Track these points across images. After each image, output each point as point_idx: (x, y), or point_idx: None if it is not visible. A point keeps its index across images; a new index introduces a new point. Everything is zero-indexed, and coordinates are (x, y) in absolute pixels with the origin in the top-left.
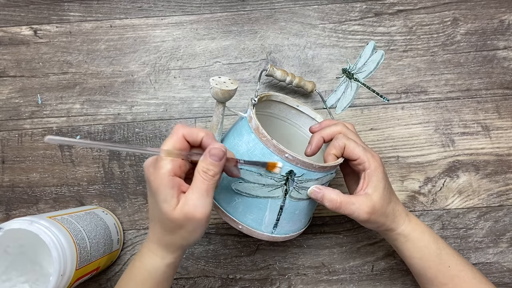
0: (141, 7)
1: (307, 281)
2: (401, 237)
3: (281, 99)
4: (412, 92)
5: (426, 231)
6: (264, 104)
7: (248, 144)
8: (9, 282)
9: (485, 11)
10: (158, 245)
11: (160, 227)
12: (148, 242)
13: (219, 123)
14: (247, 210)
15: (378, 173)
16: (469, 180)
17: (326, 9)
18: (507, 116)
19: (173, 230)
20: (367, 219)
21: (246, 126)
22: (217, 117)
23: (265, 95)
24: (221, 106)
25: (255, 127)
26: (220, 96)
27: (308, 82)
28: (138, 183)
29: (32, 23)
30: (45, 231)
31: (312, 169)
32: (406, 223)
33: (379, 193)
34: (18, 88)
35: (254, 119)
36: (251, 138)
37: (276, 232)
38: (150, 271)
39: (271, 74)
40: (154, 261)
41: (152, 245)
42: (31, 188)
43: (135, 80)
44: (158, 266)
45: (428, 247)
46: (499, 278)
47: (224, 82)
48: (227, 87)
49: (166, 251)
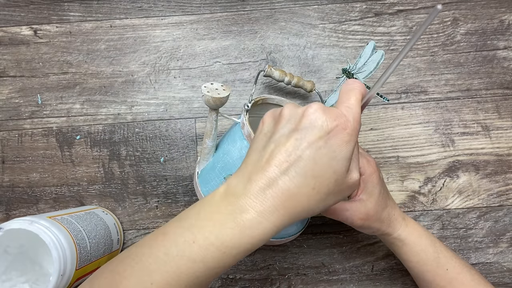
0: (141, 7)
1: (307, 281)
2: (397, 242)
3: (277, 102)
4: (412, 92)
5: (424, 235)
6: (260, 106)
7: (241, 151)
8: (9, 282)
9: (485, 11)
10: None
11: (320, 186)
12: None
13: (213, 129)
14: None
15: (373, 178)
16: (469, 180)
17: (326, 9)
18: (507, 116)
19: (337, 191)
20: (361, 225)
21: (239, 133)
22: (210, 124)
23: (260, 99)
24: (214, 113)
25: (247, 134)
26: (212, 103)
27: (307, 82)
28: (138, 183)
29: (32, 23)
30: (45, 231)
31: None
32: (402, 228)
33: (373, 199)
34: (18, 88)
35: (246, 126)
36: (243, 144)
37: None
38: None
39: (269, 74)
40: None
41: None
42: (31, 188)
43: (135, 80)
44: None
45: (426, 251)
46: (499, 278)
47: (216, 89)
48: (219, 95)
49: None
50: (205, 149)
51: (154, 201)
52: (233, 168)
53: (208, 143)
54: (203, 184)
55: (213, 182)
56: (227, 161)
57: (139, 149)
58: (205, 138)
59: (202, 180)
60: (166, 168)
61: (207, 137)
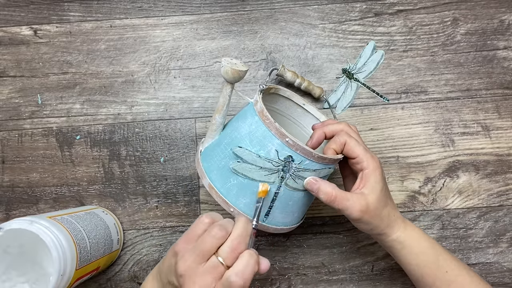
0: (141, 7)
1: (307, 281)
2: (396, 244)
3: (288, 95)
4: (412, 92)
5: (423, 238)
6: (271, 97)
7: (250, 126)
8: (9, 282)
9: (485, 11)
10: None
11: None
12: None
13: (225, 105)
14: (241, 193)
15: (376, 174)
16: (469, 180)
17: (326, 9)
18: (507, 116)
19: None
20: (360, 218)
21: (251, 110)
22: (223, 98)
23: (273, 86)
24: (230, 87)
25: (259, 110)
26: (230, 75)
27: (316, 87)
28: (138, 183)
29: (32, 23)
30: (45, 231)
31: (311, 158)
32: (401, 230)
33: (375, 195)
34: (18, 88)
35: (260, 103)
36: (254, 120)
37: (267, 221)
38: None
39: (281, 74)
40: None
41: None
42: (31, 188)
43: (135, 80)
44: None
45: (425, 254)
46: (499, 278)
47: (235, 63)
48: (238, 68)
49: None
50: (213, 125)
51: (154, 201)
52: (240, 142)
53: (218, 119)
54: (205, 161)
55: (216, 158)
56: (235, 136)
57: (139, 149)
58: (215, 114)
59: (204, 157)
60: (166, 168)
61: (218, 112)
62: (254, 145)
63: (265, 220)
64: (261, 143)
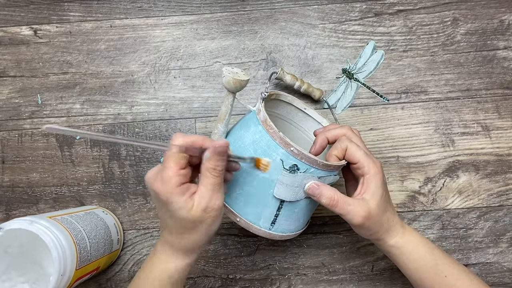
0: (141, 7)
1: (307, 281)
2: (394, 249)
3: (289, 100)
4: (412, 92)
5: (421, 243)
6: (272, 103)
7: (254, 136)
8: (9, 282)
9: (485, 11)
10: (176, 250)
11: (177, 232)
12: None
13: (227, 114)
14: (247, 203)
15: (377, 179)
16: (469, 180)
17: (326, 9)
18: (507, 116)
19: (193, 229)
20: (361, 223)
21: (254, 119)
22: (226, 107)
23: (274, 93)
24: (231, 96)
25: (263, 119)
26: (232, 85)
27: (316, 89)
28: (138, 183)
29: (32, 23)
30: (45, 231)
31: (316, 166)
32: (399, 235)
33: (376, 200)
34: (18, 88)
35: (262, 111)
36: (257, 129)
37: (273, 229)
38: (172, 275)
39: (280, 77)
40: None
41: (169, 251)
42: (31, 188)
43: (135, 80)
44: (181, 267)
45: (424, 259)
46: (499, 278)
47: (237, 72)
48: (239, 77)
49: (185, 254)
50: (215, 135)
51: None
52: (243, 152)
53: (220, 128)
54: None
55: None
56: (238, 145)
57: (139, 149)
58: (217, 123)
59: None
60: None
61: (220, 121)
62: (258, 155)
63: (271, 228)
64: (265, 152)
